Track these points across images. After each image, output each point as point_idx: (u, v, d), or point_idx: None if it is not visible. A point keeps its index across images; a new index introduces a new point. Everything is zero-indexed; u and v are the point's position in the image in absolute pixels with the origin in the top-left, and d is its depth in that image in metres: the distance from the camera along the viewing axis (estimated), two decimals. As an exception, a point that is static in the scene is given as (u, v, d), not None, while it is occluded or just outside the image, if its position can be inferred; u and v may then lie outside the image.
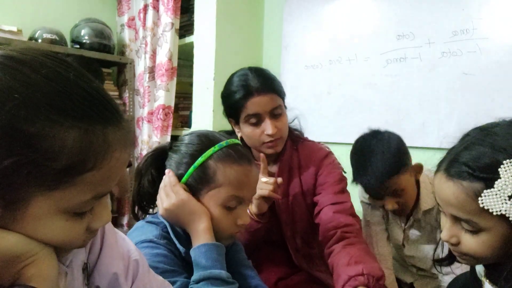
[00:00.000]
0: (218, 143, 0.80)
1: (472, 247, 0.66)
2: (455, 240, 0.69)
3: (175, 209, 0.78)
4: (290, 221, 1.20)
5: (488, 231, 0.64)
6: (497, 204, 0.61)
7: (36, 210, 0.40)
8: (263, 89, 1.09)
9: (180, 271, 0.76)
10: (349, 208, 1.13)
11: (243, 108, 1.09)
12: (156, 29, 2.40)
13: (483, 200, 0.62)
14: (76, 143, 0.40)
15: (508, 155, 0.61)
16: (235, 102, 1.10)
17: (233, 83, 1.13)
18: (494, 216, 0.62)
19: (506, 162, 0.61)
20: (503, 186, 0.61)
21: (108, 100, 0.44)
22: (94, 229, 0.47)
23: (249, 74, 1.12)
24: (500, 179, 0.61)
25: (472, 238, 0.66)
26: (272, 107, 1.10)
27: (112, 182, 0.46)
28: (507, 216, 0.61)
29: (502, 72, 1.36)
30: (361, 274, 0.91)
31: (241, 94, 1.09)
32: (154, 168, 0.86)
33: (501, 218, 0.61)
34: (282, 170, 1.19)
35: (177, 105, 2.54)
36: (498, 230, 0.63)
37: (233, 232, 0.81)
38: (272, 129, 1.09)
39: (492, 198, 0.62)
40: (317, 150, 1.23)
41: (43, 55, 0.42)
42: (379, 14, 1.69)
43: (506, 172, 0.61)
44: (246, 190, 0.80)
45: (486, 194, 0.62)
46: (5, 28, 2.14)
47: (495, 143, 0.64)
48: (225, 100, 1.17)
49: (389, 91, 1.66)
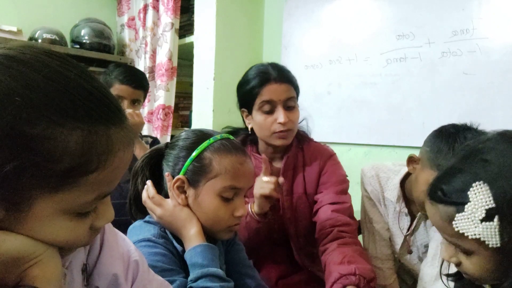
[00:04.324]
0: (213, 136, 0.83)
1: (469, 268, 0.65)
2: (455, 261, 0.68)
3: (164, 219, 0.81)
4: (293, 220, 1.20)
5: (477, 254, 0.62)
6: (470, 228, 0.60)
7: (40, 212, 0.40)
8: (280, 78, 1.12)
9: (178, 270, 0.77)
10: (348, 208, 1.13)
11: (258, 95, 1.12)
12: (156, 29, 2.40)
13: (457, 224, 0.61)
14: (79, 144, 0.39)
15: (478, 179, 0.60)
16: (251, 88, 1.13)
17: (251, 71, 1.17)
18: (473, 240, 0.60)
19: (475, 185, 0.60)
20: (473, 209, 0.59)
21: (110, 99, 0.44)
22: (98, 227, 0.47)
23: (268, 65, 1.17)
24: (470, 203, 0.60)
25: (467, 260, 0.65)
26: (286, 96, 1.12)
27: (116, 182, 0.45)
28: (482, 240, 0.59)
29: (502, 72, 1.36)
30: (352, 274, 0.91)
31: (257, 80, 1.12)
32: (150, 169, 0.87)
33: (481, 242, 0.59)
34: (287, 167, 1.20)
35: (177, 105, 2.54)
36: (484, 253, 0.61)
37: (231, 224, 0.82)
38: (285, 118, 1.11)
39: (464, 222, 0.60)
40: (323, 150, 1.24)
41: (43, 54, 0.41)
42: (379, 14, 1.69)
43: (476, 195, 0.59)
44: (242, 181, 0.82)
45: (459, 218, 0.61)
46: (5, 28, 2.15)
47: (471, 168, 0.62)
48: (240, 88, 1.19)
49: (389, 91, 1.66)
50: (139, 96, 1.63)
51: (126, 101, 1.57)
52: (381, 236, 1.23)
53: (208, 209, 0.80)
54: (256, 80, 1.13)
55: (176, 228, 0.81)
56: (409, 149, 1.57)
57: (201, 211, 0.81)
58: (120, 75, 1.58)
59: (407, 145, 1.60)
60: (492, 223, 0.58)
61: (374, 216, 1.24)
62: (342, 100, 1.82)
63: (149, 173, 0.86)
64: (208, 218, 0.81)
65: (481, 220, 0.59)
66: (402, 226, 1.18)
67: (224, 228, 0.82)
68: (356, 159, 1.78)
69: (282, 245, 1.23)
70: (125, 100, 1.57)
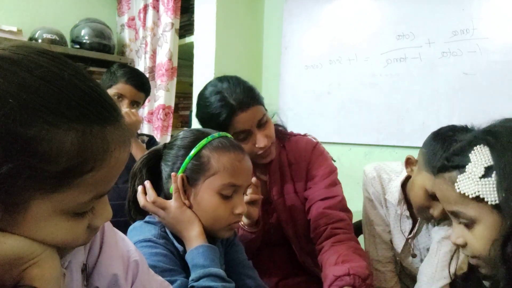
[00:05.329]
0: (211, 134, 0.83)
1: (475, 245, 0.67)
2: (461, 241, 0.69)
3: (166, 221, 0.82)
4: (290, 221, 1.19)
5: (479, 222, 0.65)
6: (470, 186, 0.63)
7: (37, 212, 0.40)
8: (245, 104, 1.03)
9: (179, 270, 0.77)
10: (340, 201, 1.12)
11: (229, 127, 1.04)
12: (156, 29, 2.40)
13: (459, 185, 0.64)
14: (74, 145, 0.39)
15: (479, 143, 0.64)
16: (219, 124, 1.02)
17: (211, 103, 1.05)
18: (475, 202, 0.63)
19: (476, 148, 0.64)
20: (473, 168, 0.63)
21: (105, 99, 0.43)
22: (95, 227, 0.47)
23: (223, 90, 1.04)
24: (470, 163, 0.64)
25: (472, 236, 0.67)
26: (258, 119, 1.06)
27: (112, 181, 0.45)
28: (482, 197, 0.62)
29: (502, 72, 1.36)
30: (347, 274, 0.92)
31: (224, 115, 1.02)
32: (148, 171, 0.87)
33: (481, 203, 0.62)
34: (274, 170, 1.18)
35: (177, 105, 2.54)
36: (486, 221, 0.64)
37: (231, 222, 0.83)
38: (263, 141, 1.06)
39: (465, 182, 0.64)
40: (304, 144, 1.21)
41: (36, 53, 0.41)
42: (379, 14, 1.69)
43: (476, 156, 0.63)
44: (241, 178, 0.82)
45: (460, 179, 0.64)
46: (5, 28, 2.14)
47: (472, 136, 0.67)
48: (206, 124, 1.08)
49: (389, 91, 1.66)
50: (140, 99, 1.63)
51: (127, 101, 1.57)
52: (382, 239, 1.21)
53: (207, 207, 0.80)
54: (221, 115, 1.02)
55: (178, 230, 0.81)
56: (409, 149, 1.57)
57: (201, 209, 0.81)
58: (126, 75, 1.58)
59: (407, 145, 1.60)
60: (490, 178, 0.61)
61: (375, 219, 1.22)
62: (342, 100, 1.82)
63: (148, 174, 0.86)
64: (208, 217, 0.81)
65: (480, 177, 0.62)
66: (404, 229, 1.16)
67: (224, 226, 0.83)
68: (356, 159, 1.78)
69: (282, 246, 1.22)
70: (126, 100, 1.57)
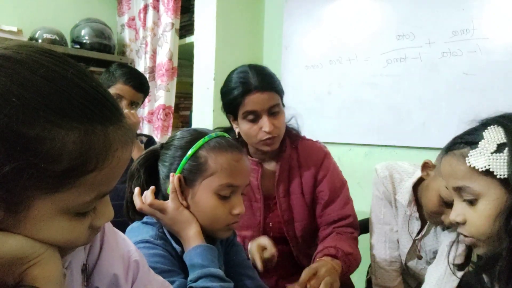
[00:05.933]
0: (208, 134, 0.83)
1: (474, 221, 0.70)
2: (461, 218, 0.73)
3: (163, 222, 0.81)
4: (291, 221, 1.21)
5: (483, 197, 0.68)
6: (481, 160, 0.67)
7: (39, 212, 0.40)
8: (262, 87, 1.09)
9: (177, 271, 0.77)
10: (352, 223, 1.18)
11: (241, 105, 1.11)
12: (156, 29, 2.40)
13: (470, 160, 0.69)
14: (76, 145, 0.39)
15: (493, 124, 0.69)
16: (234, 99, 1.11)
17: (232, 79, 1.14)
18: (483, 176, 0.67)
19: (491, 127, 0.69)
20: (485, 145, 0.68)
21: (108, 98, 0.43)
22: (97, 226, 0.47)
23: (248, 71, 1.13)
24: (483, 140, 0.68)
25: (472, 212, 0.70)
26: (270, 105, 1.11)
27: (114, 181, 0.45)
28: (491, 171, 0.66)
29: (502, 72, 1.36)
30: (333, 247, 1.05)
31: (239, 90, 1.10)
32: (146, 171, 0.86)
33: (489, 177, 0.66)
34: (283, 168, 1.20)
35: (177, 105, 2.54)
36: (492, 195, 0.67)
37: (229, 223, 0.82)
38: (270, 126, 1.10)
39: (476, 157, 0.68)
40: (316, 149, 1.24)
41: (39, 53, 0.41)
42: (379, 14, 1.69)
43: (490, 134, 0.68)
44: (239, 178, 0.81)
45: (472, 154, 0.69)
46: (5, 28, 2.15)
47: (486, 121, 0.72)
48: (224, 96, 1.18)
49: (389, 91, 1.65)
50: (138, 99, 1.64)
51: (125, 101, 1.58)
52: (390, 238, 1.20)
53: (205, 207, 0.80)
54: (237, 90, 1.10)
55: (176, 231, 0.80)
56: (410, 149, 1.57)
57: (199, 210, 0.81)
58: (125, 75, 1.58)
59: (407, 145, 1.60)
60: (502, 154, 0.66)
61: (384, 217, 1.21)
62: (342, 100, 1.82)
63: (145, 174, 0.86)
64: (206, 217, 0.81)
65: (492, 152, 0.66)
66: (412, 230, 1.16)
67: (222, 227, 0.82)
68: (356, 159, 1.78)
69: (281, 245, 1.22)
70: (124, 100, 1.57)
